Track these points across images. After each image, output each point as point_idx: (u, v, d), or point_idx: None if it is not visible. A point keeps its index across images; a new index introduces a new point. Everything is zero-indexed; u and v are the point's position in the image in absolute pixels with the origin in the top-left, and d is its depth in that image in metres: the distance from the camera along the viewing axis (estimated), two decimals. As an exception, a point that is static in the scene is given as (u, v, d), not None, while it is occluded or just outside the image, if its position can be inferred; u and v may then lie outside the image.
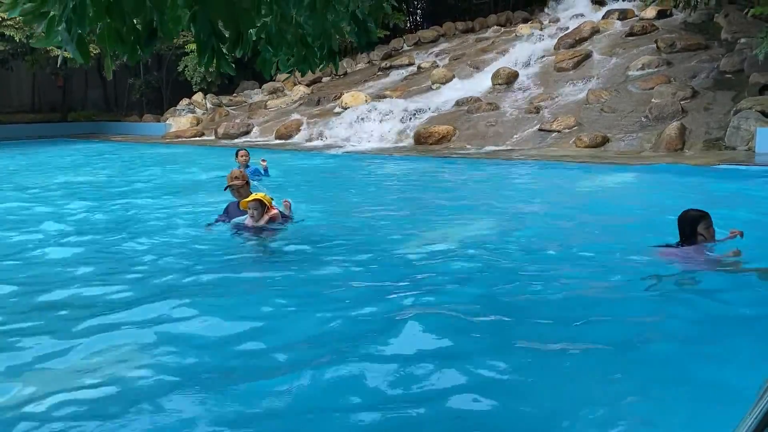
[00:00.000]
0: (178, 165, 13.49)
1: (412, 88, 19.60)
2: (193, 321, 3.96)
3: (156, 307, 4.18)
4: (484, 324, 3.90)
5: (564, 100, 15.46)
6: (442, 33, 25.48)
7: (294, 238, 6.06)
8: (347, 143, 16.15)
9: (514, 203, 7.92)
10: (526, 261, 5.30)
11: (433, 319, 3.87)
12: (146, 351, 3.53)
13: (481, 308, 4.14)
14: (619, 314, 4.00)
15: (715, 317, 3.88)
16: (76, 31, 2.71)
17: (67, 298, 4.52)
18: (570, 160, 11.34)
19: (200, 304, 4.24)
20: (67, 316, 4.12)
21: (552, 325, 3.85)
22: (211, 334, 3.76)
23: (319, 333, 3.78)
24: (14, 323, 4.00)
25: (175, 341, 3.68)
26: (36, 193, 9.63)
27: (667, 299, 4.26)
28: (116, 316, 4.06)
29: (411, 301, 4.22)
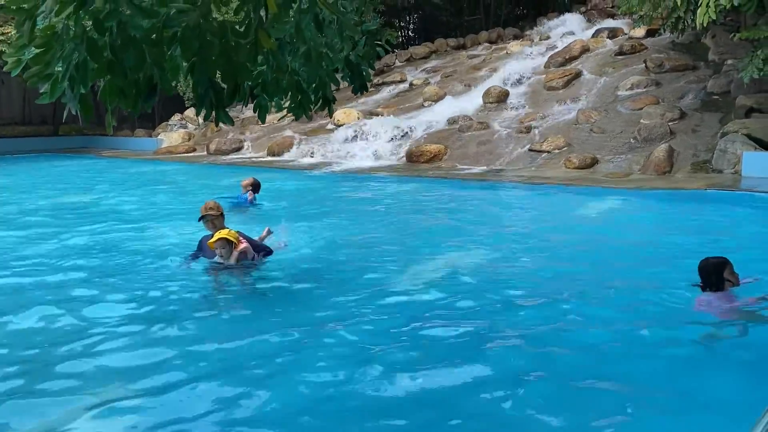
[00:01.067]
0: (166, 185, 13.47)
1: (404, 105, 19.73)
2: (155, 376, 3.82)
3: (113, 358, 4.08)
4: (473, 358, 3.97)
5: (554, 119, 15.61)
6: (434, 49, 25.67)
7: (274, 272, 5.89)
8: (339, 161, 16.23)
9: (502, 230, 8.01)
10: (513, 295, 5.36)
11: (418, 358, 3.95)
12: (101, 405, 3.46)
13: (470, 344, 4.22)
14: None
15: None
16: (79, 89, 2.78)
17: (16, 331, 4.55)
18: (559, 183, 11.45)
19: (164, 354, 4.10)
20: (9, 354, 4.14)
21: (538, 358, 3.95)
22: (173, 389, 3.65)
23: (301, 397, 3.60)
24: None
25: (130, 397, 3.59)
26: (12, 216, 9.61)
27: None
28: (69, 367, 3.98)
29: (402, 344, 4.27)
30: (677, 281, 5.17)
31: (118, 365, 3.97)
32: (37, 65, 2.69)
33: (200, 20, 3.07)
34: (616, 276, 5.68)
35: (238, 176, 13.85)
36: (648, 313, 4.77)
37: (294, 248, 7.03)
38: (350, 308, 5.02)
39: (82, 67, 2.78)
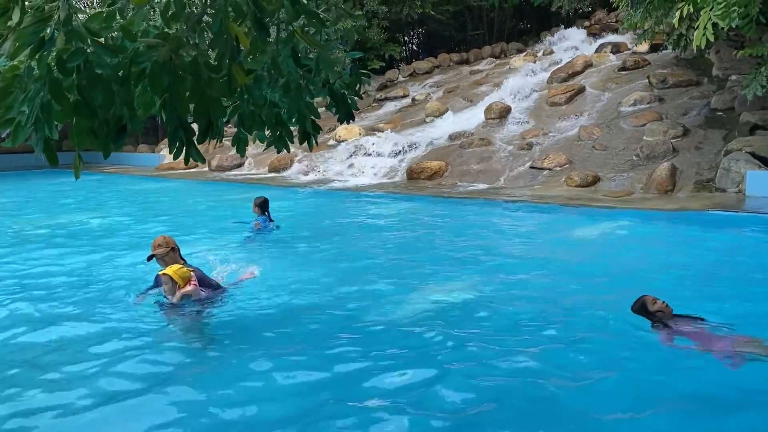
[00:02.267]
0: (160, 204, 13.38)
1: (406, 121, 19.68)
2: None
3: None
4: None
5: (556, 136, 15.49)
6: (437, 64, 25.65)
7: (238, 314, 5.51)
8: (339, 178, 16.16)
9: (497, 253, 7.87)
10: (504, 321, 5.25)
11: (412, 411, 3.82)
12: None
13: (463, 381, 4.09)
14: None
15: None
16: (43, 134, 2.68)
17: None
18: (559, 202, 11.31)
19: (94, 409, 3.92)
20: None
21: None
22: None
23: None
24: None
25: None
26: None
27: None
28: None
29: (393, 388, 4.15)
30: (676, 308, 5.03)
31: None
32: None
33: (171, 55, 2.99)
34: (609, 303, 5.53)
35: (234, 194, 13.86)
36: (642, 339, 4.63)
37: (282, 271, 6.94)
38: (332, 337, 4.90)
39: (47, 110, 2.68)
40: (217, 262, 6.81)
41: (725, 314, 5.04)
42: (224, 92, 3.19)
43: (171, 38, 3.02)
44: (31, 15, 2.51)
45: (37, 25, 2.48)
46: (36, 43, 2.47)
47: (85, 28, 2.68)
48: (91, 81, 2.76)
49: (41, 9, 2.56)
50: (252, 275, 6.45)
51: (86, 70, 2.74)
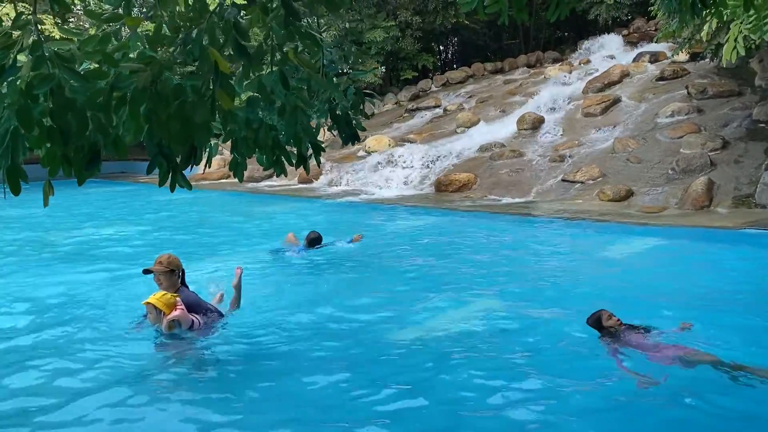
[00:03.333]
0: (183, 216, 13.36)
1: (437, 131, 19.47)
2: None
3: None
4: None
5: (590, 148, 15.10)
6: (471, 74, 25.38)
7: (237, 329, 5.33)
8: (367, 190, 16.04)
9: (526, 272, 7.59)
10: (528, 341, 5.01)
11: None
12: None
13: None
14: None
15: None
16: (7, 161, 2.59)
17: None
18: (591, 218, 10.95)
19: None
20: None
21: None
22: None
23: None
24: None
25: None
26: (19, 251, 9.62)
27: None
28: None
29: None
30: (706, 333, 4.78)
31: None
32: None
33: (152, 81, 2.88)
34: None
35: (259, 206, 13.84)
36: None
37: (297, 285, 6.82)
38: (344, 359, 4.74)
39: (13, 137, 2.59)
40: (214, 286, 6.47)
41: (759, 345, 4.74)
42: (209, 118, 3.07)
43: (153, 63, 2.92)
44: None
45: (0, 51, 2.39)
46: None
47: (56, 53, 2.59)
48: (62, 107, 2.66)
49: (8, 35, 2.47)
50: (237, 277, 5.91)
51: (56, 96, 2.64)
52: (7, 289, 7.06)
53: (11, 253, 9.47)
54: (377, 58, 24.84)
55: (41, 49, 2.55)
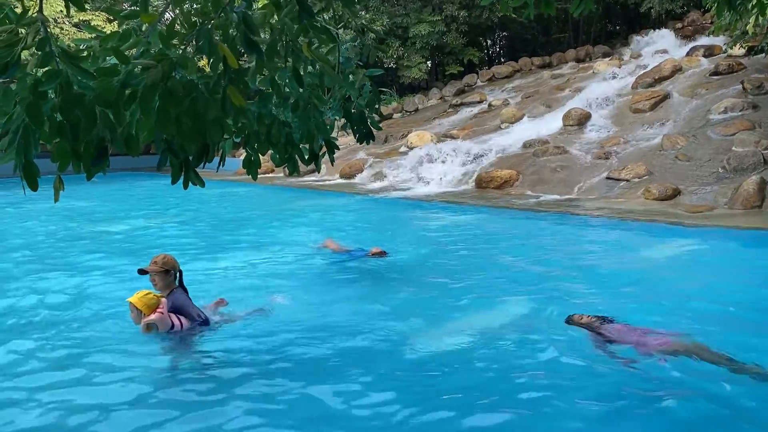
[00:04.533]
0: (211, 212, 13.38)
1: (480, 127, 19.24)
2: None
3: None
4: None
5: (637, 145, 14.66)
6: (518, 68, 25.01)
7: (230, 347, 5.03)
8: (407, 185, 15.98)
9: (565, 272, 7.34)
10: (570, 349, 4.85)
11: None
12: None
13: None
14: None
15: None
16: (21, 158, 2.63)
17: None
18: (636, 218, 10.61)
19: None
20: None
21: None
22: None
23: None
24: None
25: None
26: (43, 243, 9.82)
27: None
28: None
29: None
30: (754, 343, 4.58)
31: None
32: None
33: (162, 77, 2.89)
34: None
35: (300, 201, 13.91)
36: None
37: (323, 285, 6.80)
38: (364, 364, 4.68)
39: (24, 133, 2.63)
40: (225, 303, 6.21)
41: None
42: (220, 114, 3.06)
43: (164, 60, 2.92)
44: (0, 39, 2.45)
45: (4, 50, 2.42)
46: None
47: (63, 50, 2.61)
48: (70, 103, 2.68)
49: (15, 32, 2.51)
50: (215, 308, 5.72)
51: (64, 92, 2.66)
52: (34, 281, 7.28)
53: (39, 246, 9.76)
54: (422, 53, 24.71)
55: (48, 46, 2.58)
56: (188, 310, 5.07)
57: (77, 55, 2.70)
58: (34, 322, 5.73)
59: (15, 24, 2.48)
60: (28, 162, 2.69)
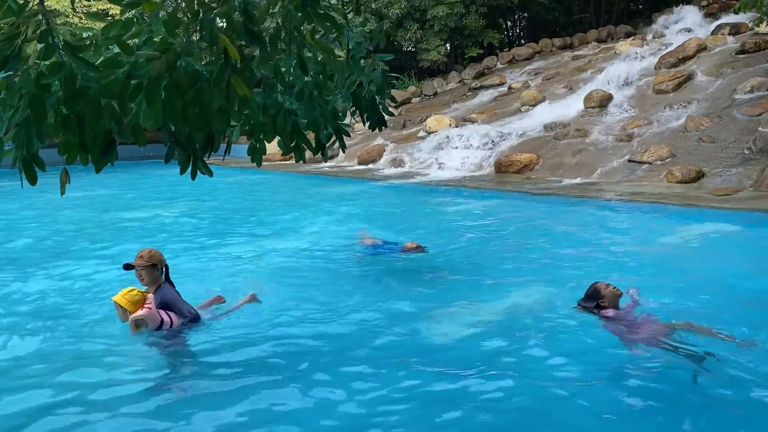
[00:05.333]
0: (220, 199, 13.31)
1: (499, 110, 19.03)
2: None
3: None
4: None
5: (660, 127, 14.39)
6: (538, 50, 24.64)
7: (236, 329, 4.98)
8: (426, 171, 15.90)
9: (586, 258, 7.25)
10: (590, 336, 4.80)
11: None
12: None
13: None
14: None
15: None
16: (22, 153, 2.63)
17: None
18: (658, 201, 10.43)
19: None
20: None
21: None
22: None
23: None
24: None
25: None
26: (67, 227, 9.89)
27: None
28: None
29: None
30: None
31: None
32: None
33: (166, 68, 2.87)
34: (702, 317, 4.96)
35: (317, 188, 13.89)
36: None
37: (335, 273, 6.79)
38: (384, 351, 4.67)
39: (26, 126, 2.63)
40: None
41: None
42: (225, 104, 3.03)
43: (168, 50, 2.89)
44: (1, 32, 2.44)
45: (4, 42, 2.41)
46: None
47: (65, 42, 2.59)
48: (74, 95, 2.67)
49: (15, 25, 2.50)
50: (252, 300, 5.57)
51: (68, 85, 2.65)
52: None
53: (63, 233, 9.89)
54: (441, 35, 24.46)
55: (51, 38, 2.57)
56: (178, 305, 4.88)
57: (80, 47, 2.68)
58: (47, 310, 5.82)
59: (16, 16, 2.47)
60: (29, 156, 2.69)
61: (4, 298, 6.31)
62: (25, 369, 4.53)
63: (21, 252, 8.57)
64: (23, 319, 5.60)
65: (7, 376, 4.43)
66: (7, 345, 5.02)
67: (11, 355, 4.81)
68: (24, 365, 4.60)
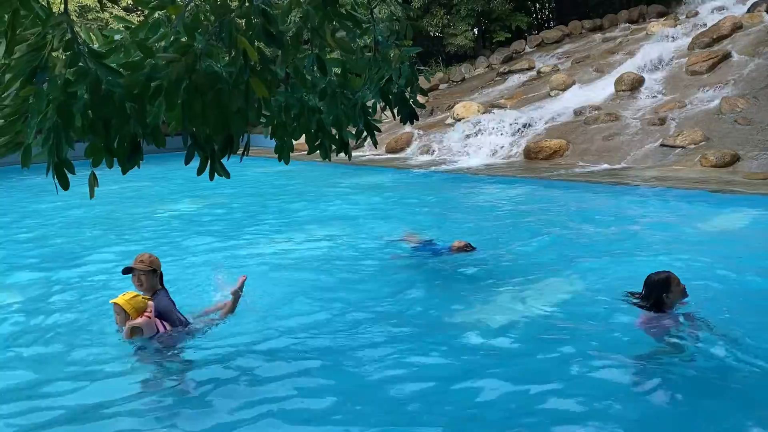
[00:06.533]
0: (270, 190, 13.37)
1: (529, 95, 18.79)
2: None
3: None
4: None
5: (693, 109, 14.07)
6: (567, 33, 24.23)
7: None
8: (454, 158, 15.80)
9: (616, 247, 7.12)
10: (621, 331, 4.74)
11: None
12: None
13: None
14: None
15: None
16: (54, 158, 2.68)
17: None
18: (693, 186, 10.20)
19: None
20: None
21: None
22: None
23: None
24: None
25: None
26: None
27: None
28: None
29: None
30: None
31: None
32: (4, 135, 2.62)
33: (186, 71, 2.89)
34: (737, 310, 4.87)
35: (345, 179, 13.87)
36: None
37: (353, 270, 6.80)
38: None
39: (55, 132, 2.68)
40: (223, 280, 6.06)
41: None
42: (243, 105, 3.05)
43: (188, 53, 2.92)
44: (28, 44, 2.48)
45: (31, 54, 2.46)
46: (27, 73, 2.45)
47: (89, 50, 2.63)
48: (99, 101, 2.71)
49: (42, 35, 2.54)
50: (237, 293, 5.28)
51: (93, 91, 2.70)
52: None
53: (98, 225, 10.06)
54: (468, 20, 24.21)
55: (76, 46, 2.61)
56: (171, 315, 4.77)
57: (104, 54, 2.72)
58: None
59: (42, 27, 2.52)
60: (61, 162, 2.74)
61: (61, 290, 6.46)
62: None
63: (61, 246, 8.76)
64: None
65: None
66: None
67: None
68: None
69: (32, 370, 4.56)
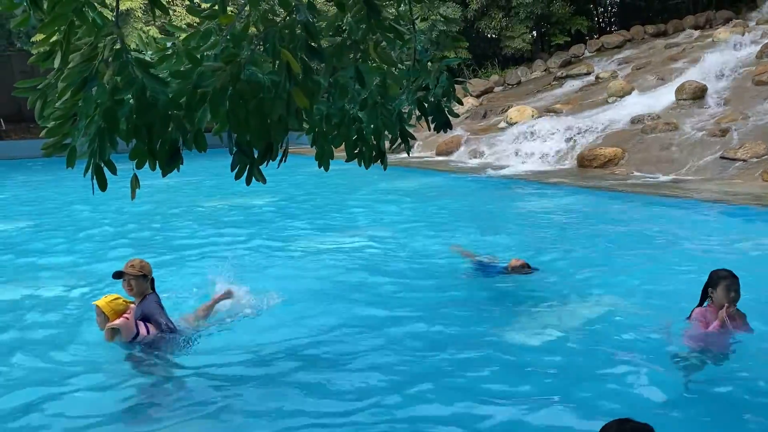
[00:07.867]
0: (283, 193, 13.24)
1: (585, 101, 18.47)
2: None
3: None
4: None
5: (758, 121, 13.54)
6: (629, 38, 23.67)
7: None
8: (505, 163, 15.63)
9: (669, 264, 6.86)
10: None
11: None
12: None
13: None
14: None
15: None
16: (97, 161, 2.80)
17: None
18: (753, 203, 9.77)
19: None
20: None
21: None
22: None
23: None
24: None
25: None
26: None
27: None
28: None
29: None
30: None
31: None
32: (52, 136, 2.75)
33: (230, 80, 2.97)
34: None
35: (392, 181, 13.80)
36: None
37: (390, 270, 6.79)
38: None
39: (100, 135, 2.80)
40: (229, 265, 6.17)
41: None
42: (283, 114, 3.12)
43: (233, 63, 3.00)
44: (81, 53, 2.60)
45: (83, 64, 2.57)
46: (78, 83, 2.56)
47: (137, 59, 2.74)
48: (144, 107, 2.82)
49: (93, 46, 2.65)
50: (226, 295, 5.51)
51: (139, 98, 2.80)
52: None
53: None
54: (526, 23, 23.92)
55: (125, 55, 2.72)
56: (157, 318, 4.80)
57: (152, 63, 2.82)
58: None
59: (95, 37, 2.63)
60: (102, 164, 2.86)
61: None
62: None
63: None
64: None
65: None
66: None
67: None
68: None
69: (24, 375, 4.58)
